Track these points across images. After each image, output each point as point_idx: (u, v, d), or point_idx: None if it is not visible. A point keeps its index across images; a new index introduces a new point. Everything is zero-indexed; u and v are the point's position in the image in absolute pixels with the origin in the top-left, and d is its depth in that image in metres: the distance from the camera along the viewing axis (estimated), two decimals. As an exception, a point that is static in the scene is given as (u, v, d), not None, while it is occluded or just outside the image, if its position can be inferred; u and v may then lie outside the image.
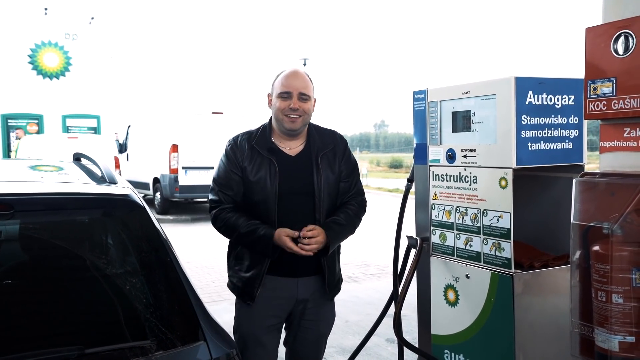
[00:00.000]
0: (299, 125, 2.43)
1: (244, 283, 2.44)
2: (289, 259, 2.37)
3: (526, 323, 2.36)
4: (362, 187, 2.66)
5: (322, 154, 2.46)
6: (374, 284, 6.51)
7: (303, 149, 2.49)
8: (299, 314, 2.51)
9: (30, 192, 1.79)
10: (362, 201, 2.59)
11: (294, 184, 2.41)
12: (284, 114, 2.40)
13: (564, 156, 2.45)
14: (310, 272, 2.45)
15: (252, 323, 2.45)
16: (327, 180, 2.44)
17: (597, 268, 1.77)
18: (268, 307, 2.43)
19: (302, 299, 2.47)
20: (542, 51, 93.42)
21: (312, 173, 2.42)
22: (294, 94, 2.39)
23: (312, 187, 2.41)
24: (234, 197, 2.44)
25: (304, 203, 2.41)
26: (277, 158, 2.42)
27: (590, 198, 1.93)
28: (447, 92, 2.65)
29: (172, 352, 1.54)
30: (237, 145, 2.48)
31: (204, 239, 9.47)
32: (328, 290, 2.49)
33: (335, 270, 2.53)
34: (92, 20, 18.72)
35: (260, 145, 2.44)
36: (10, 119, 17.93)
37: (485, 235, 2.47)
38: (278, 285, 2.43)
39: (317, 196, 2.40)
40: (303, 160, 2.46)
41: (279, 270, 2.41)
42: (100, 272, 1.80)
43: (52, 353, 1.41)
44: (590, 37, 1.91)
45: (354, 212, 2.51)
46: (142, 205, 1.91)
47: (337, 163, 2.50)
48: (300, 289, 2.45)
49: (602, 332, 1.77)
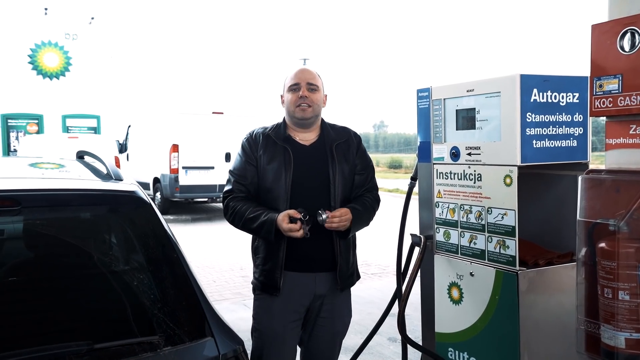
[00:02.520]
0: (310, 114, 2.46)
1: (266, 276, 2.45)
2: (305, 253, 2.39)
3: (531, 321, 2.36)
4: (377, 183, 2.68)
5: (337, 144, 2.50)
6: (376, 283, 6.51)
7: (317, 140, 2.53)
8: (316, 311, 2.53)
9: (37, 188, 1.79)
10: (377, 196, 2.63)
11: (308, 173, 2.44)
12: (295, 105, 2.46)
13: (569, 154, 2.46)
14: (326, 268, 2.47)
15: (272, 319, 2.46)
16: (342, 170, 2.47)
17: (603, 265, 1.77)
18: (288, 302, 2.45)
19: (320, 294, 2.49)
20: (542, 49, 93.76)
21: (327, 162, 2.46)
22: (302, 84, 2.47)
23: (327, 175, 2.44)
24: (248, 188, 2.47)
25: (318, 192, 2.43)
26: (292, 147, 2.46)
27: (596, 195, 1.93)
28: (451, 90, 2.66)
29: (180, 348, 1.54)
30: (253, 138, 2.53)
31: (204, 239, 9.47)
32: (339, 281, 2.48)
33: (349, 263, 2.54)
34: (92, 20, 18.72)
35: (275, 135, 2.49)
36: (10, 119, 17.92)
37: (489, 233, 2.47)
38: (297, 281, 2.45)
39: (333, 184, 2.43)
40: (318, 150, 2.50)
41: (296, 266, 2.44)
42: (107, 268, 1.80)
43: (62, 348, 1.41)
44: (595, 34, 1.91)
45: (370, 203, 2.55)
46: (149, 202, 1.91)
47: (352, 155, 2.54)
48: (318, 283, 2.48)
49: (608, 329, 1.77)
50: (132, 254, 1.87)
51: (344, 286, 2.54)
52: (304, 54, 24.74)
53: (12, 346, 1.43)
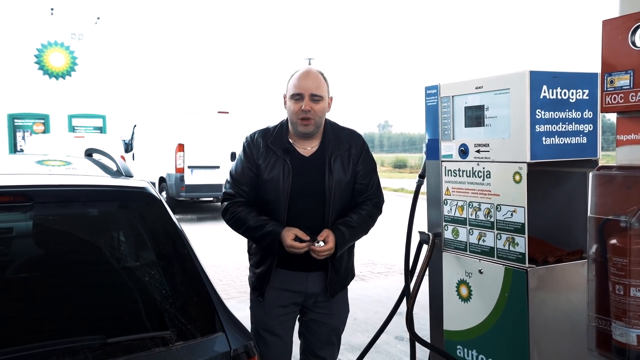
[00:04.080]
0: (312, 129, 2.44)
1: (256, 278, 2.51)
2: (299, 256, 2.39)
3: (540, 318, 2.35)
4: (381, 187, 2.65)
5: (336, 155, 2.47)
6: (382, 282, 6.51)
7: (317, 150, 2.50)
8: (311, 307, 2.54)
9: (49, 184, 1.80)
10: (378, 203, 2.60)
11: (306, 185, 2.43)
12: (297, 117, 2.41)
13: (579, 151, 2.44)
14: (320, 267, 2.47)
15: (264, 314, 2.51)
16: (339, 182, 2.45)
17: (615, 261, 1.76)
18: (278, 299, 2.48)
19: (312, 292, 2.50)
20: (543, 47, 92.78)
21: (324, 174, 2.43)
22: (305, 95, 2.39)
23: (322, 188, 2.42)
24: (247, 193, 2.47)
25: (314, 204, 2.42)
26: (292, 158, 2.44)
27: (607, 191, 1.92)
28: (459, 87, 2.65)
29: (191, 343, 1.55)
30: (254, 143, 2.50)
31: (210, 238, 9.50)
32: (328, 288, 2.49)
33: (341, 269, 2.54)
34: (97, 20, 18.80)
35: (275, 145, 2.46)
36: (16, 119, 18.02)
37: (498, 230, 2.46)
38: (288, 279, 2.46)
39: (327, 198, 2.42)
40: (316, 161, 2.47)
41: (289, 265, 2.45)
42: (119, 264, 1.81)
43: (76, 342, 1.42)
44: (606, 30, 1.90)
45: (368, 213, 2.52)
46: (159, 198, 1.92)
47: (352, 164, 2.50)
48: (310, 283, 2.48)
49: (619, 326, 1.76)
50: (143, 250, 1.88)
51: (333, 292, 2.52)
52: (309, 54, 24.73)
53: (28, 340, 1.44)
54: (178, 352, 1.51)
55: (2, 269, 1.79)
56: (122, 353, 1.44)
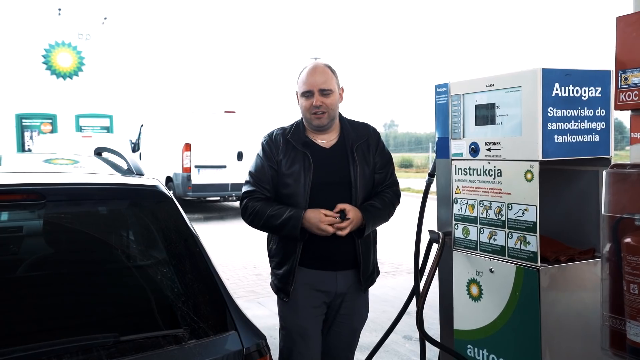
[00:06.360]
0: (326, 121, 2.46)
1: (279, 280, 2.49)
2: (327, 252, 2.39)
3: (552, 317, 2.34)
4: (397, 178, 2.68)
5: (357, 145, 2.49)
6: (389, 281, 6.49)
7: (337, 141, 2.52)
8: (336, 308, 2.55)
9: (61, 182, 1.80)
10: (397, 191, 2.64)
11: (329, 176, 2.44)
12: (310, 112, 2.44)
13: (591, 149, 2.42)
14: (348, 266, 2.48)
15: (296, 315, 2.48)
16: (363, 172, 2.47)
17: (629, 260, 1.75)
18: (311, 300, 2.47)
19: (341, 292, 2.50)
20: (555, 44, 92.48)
21: (348, 164, 2.45)
22: (314, 91, 2.42)
23: (348, 177, 2.43)
24: (269, 191, 2.47)
25: (339, 193, 2.42)
26: (312, 151, 2.44)
27: (621, 190, 1.91)
28: (470, 85, 2.63)
29: (204, 341, 1.54)
30: (273, 140, 2.51)
31: (217, 238, 9.51)
32: (362, 281, 2.51)
33: (370, 262, 2.55)
34: (105, 21, 18.88)
35: (294, 139, 2.47)
36: (24, 119, 18.12)
37: (510, 229, 2.45)
38: (319, 279, 2.46)
39: (354, 186, 2.43)
40: (338, 152, 2.48)
41: (318, 264, 2.44)
42: (131, 261, 1.81)
43: (90, 340, 1.42)
44: (621, 26, 1.89)
45: (390, 199, 2.55)
46: (170, 196, 1.92)
47: (372, 155, 2.53)
48: (340, 282, 2.48)
49: (634, 326, 1.75)
50: (154, 248, 1.88)
51: (367, 285, 2.56)
52: (315, 53, 24.71)
53: (42, 338, 1.44)
54: (191, 350, 1.51)
55: (15, 267, 1.80)
56: (135, 351, 1.44)
